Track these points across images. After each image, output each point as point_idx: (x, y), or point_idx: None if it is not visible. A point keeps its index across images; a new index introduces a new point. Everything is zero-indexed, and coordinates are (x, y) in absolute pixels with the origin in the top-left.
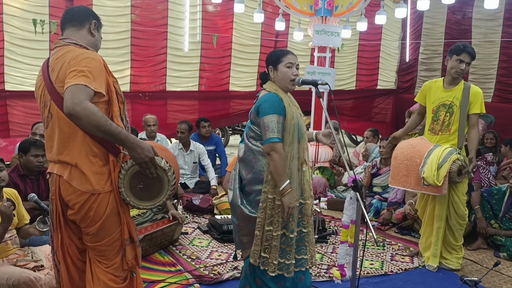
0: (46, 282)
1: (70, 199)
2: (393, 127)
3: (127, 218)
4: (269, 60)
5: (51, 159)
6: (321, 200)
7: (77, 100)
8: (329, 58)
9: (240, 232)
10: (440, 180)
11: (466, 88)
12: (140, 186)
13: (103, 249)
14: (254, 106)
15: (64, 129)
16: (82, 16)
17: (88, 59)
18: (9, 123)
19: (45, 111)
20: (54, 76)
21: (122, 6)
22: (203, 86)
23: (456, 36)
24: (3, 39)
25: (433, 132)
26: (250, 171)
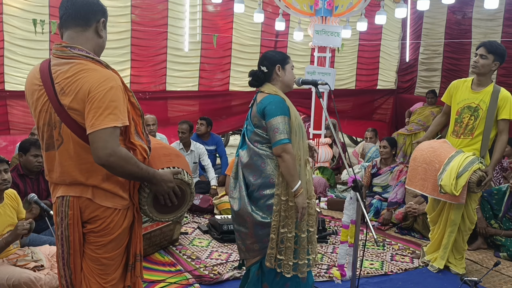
0: (46, 282)
1: (94, 216)
2: (393, 127)
3: (140, 232)
4: (275, 59)
5: (62, 182)
6: (321, 200)
7: (111, 150)
8: (329, 58)
9: (250, 240)
10: (458, 190)
11: (495, 92)
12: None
13: (106, 262)
14: (257, 109)
15: (82, 154)
16: (90, 14)
17: (112, 91)
18: (9, 123)
19: (52, 132)
20: (67, 101)
21: (122, 6)
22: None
23: (456, 36)
24: (3, 39)
25: (455, 135)
26: (259, 176)
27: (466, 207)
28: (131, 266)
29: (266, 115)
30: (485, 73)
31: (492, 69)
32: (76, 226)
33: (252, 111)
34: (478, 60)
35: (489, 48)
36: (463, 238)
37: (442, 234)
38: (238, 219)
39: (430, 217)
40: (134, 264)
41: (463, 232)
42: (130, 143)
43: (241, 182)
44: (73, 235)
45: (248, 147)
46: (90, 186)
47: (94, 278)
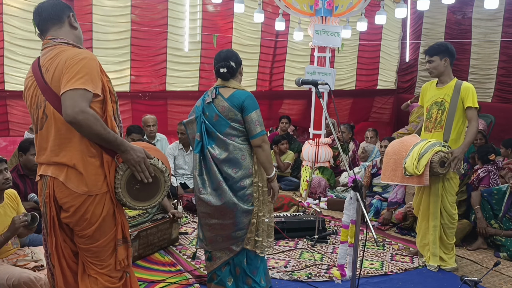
0: (46, 282)
1: (65, 202)
2: (393, 127)
3: (122, 218)
4: (240, 59)
5: (44, 161)
6: (321, 200)
7: (78, 108)
8: (329, 58)
9: (231, 229)
10: (420, 169)
11: (458, 85)
12: (137, 186)
13: (97, 250)
14: (232, 104)
15: (61, 130)
16: (59, 11)
17: (85, 60)
18: (9, 123)
19: (38, 112)
20: (49, 76)
21: (122, 6)
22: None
23: (456, 36)
24: (3, 39)
25: (427, 130)
26: (239, 168)
27: (443, 199)
28: (115, 251)
29: (245, 109)
30: (441, 73)
31: (445, 66)
32: (51, 205)
33: (222, 106)
34: (429, 66)
35: (430, 52)
36: (446, 232)
37: (424, 225)
38: (217, 213)
39: (414, 210)
40: (116, 249)
41: (444, 226)
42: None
43: (218, 176)
44: (49, 214)
45: (224, 142)
46: (65, 166)
47: (91, 265)
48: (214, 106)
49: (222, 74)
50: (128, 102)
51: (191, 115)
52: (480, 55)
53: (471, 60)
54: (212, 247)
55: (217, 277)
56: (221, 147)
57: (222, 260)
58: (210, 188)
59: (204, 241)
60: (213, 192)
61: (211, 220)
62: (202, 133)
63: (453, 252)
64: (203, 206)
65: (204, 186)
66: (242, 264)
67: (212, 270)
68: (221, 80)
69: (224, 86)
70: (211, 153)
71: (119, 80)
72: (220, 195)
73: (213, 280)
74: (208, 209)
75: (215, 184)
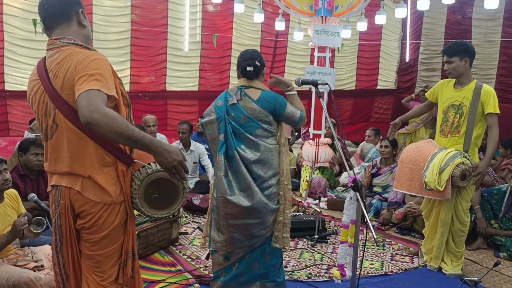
0: (46, 282)
1: (83, 210)
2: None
3: (133, 230)
4: (264, 61)
5: (56, 171)
6: (321, 200)
7: (93, 107)
8: (329, 58)
9: (258, 228)
10: (442, 184)
11: (478, 88)
12: (155, 195)
13: (100, 259)
14: (263, 106)
15: (74, 140)
16: (68, 8)
17: (96, 61)
18: (9, 123)
19: (47, 121)
20: (59, 83)
21: (122, 6)
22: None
23: (456, 36)
24: (3, 39)
25: (443, 134)
26: (269, 168)
27: (456, 207)
28: (123, 264)
29: (278, 110)
30: (461, 74)
31: (465, 67)
32: (67, 215)
33: (252, 108)
34: (448, 67)
35: (449, 52)
36: (455, 240)
37: (433, 231)
38: (244, 214)
39: (424, 213)
40: (126, 261)
41: (454, 233)
42: None
43: (248, 177)
44: (65, 224)
45: (255, 143)
46: (80, 177)
47: (91, 276)
48: (241, 107)
49: (248, 72)
50: None
51: (209, 115)
52: (480, 55)
53: None
54: (232, 247)
55: (226, 275)
56: (251, 148)
57: (239, 256)
58: (237, 189)
59: (220, 243)
60: (241, 193)
61: (236, 220)
62: (228, 134)
63: (461, 260)
64: (229, 207)
65: (230, 187)
66: (260, 260)
67: (223, 268)
68: (245, 79)
69: (250, 87)
70: (240, 155)
71: None
72: (249, 196)
73: (219, 278)
74: (235, 210)
75: (244, 185)
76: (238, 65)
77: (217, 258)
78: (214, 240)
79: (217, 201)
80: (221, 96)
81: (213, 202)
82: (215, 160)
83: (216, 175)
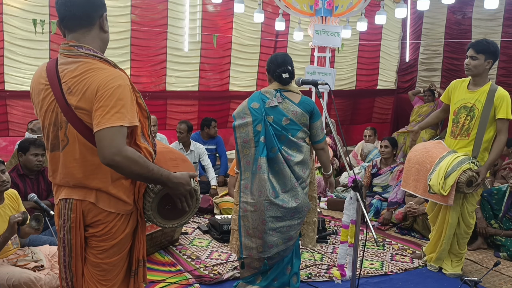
0: (46, 282)
1: (96, 220)
2: (393, 127)
3: (144, 238)
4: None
5: (65, 184)
6: (321, 200)
7: (116, 149)
8: (329, 58)
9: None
10: (446, 189)
11: (492, 91)
12: (168, 207)
13: (107, 268)
14: (305, 109)
15: (87, 155)
16: (92, 12)
17: (120, 88)
18: (9, 123)
19: (57, 133)
20: (74, 100)
21: (122, 6)
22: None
23: (456, 36)
24: (3, 39)
25: (453, 135)
26: (307, 167)
27: (462, 210)
28: (134, 272)
29: (314, 116)
30: (479, 73)
31: (486, 68)
32: (78, 229)
33: (294, 111)
34: (470, 62)
35: (477, 48)
36: (459, 242)
37: (439, 234)
38: (288, 215)
39: (429, 217)
40: (137, 269)
41: (458, 236)
42: (136, 145)
43: (293, 178)
44: (75, 239)
45: (297, 144)
46: (94, 190)
47: (95, 284)
48: (282, 109)
49: (284, 79)
50: None
51: (242, 117)
52: None
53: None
54: (270, 251)
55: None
56: (293, 149)
57: (275, 260)
58: (280, 190)
59: (256, 249)
60: (285, 194)
61: (279, 223)
62: (270, 136)
63: (462, 260)
64: (274, 210)
65: (274, 189)
66: (291, 262)
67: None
68: (278, 84)
69: (288, 90)
70: (284, 156)
71: None
72: (294, 196)
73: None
74: (279, 212)
75: (289, 186)
76: (270, 71)
77: (252, 262)
78: (248, 247)
79: (254, 206)
80: (254, 98)
81: (243, 208)
82: (245, 164)
83: (254, 178)
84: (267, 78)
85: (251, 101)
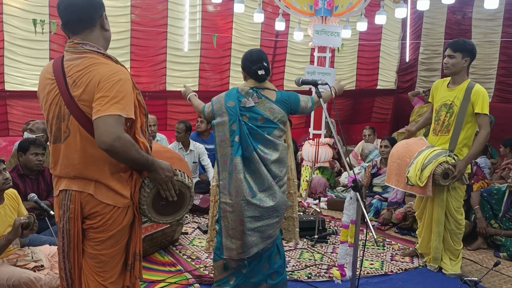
0: (46, 282)
1: (94, 212)
2: (393, 127)
3: (140, 232)
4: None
5: (66, 175)
6: (321, 200)
7: (115, 135)
8: (329, 58)
9: (275, 227)
10: (423, 181)
11: (469, 88)
12: (163, 202)
13: (104, 259)
14: (282, 106)
15: (88, 147)
16: (93, 13)
17: (121, 82)
18: (9, 123)
19: (60, 125)
20: (77, 92)
21: (122, 6)
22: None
23: (456, 36)
24: (3, 39)
25: (434, 132)
26: (283, 166)
27: (448, 206)
28: (131, 266)
29: (294, 106)
30: (457, 72)
31: (464, 66)
32: (77, 220)
33: (271, 108)
34: (448, 61)
35: (454, 47)
36: (452, 238)
37: (428, 231)
38: (266, 214)
39: (416, 214)
40: (133, 263)
41: (450, 232)
42: (134, 138)
43: (269, 177)
44: (73, 229)
45: (273, 143)
46: (92, 181)
47: (93, 275)
48: (258, 109)
49: (260, 76)
50: None
51: (220, 115)
52: (480, 55)
53: None
54: (250, 252)
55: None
56: (269, 148)
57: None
58: (257, 190)
59: (236, 250)
60: (262, 193)
61: (256, 223)
62: (244, 135)
63: (459, 258)
64: (251, 210)
65: (251, 189)
66: (270, 260)
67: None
68: (254, 81)
69: (264, 88)
70: (260, 155)
71: None
72: (271, 195)
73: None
74: (257, 212)
75: (266, 185)
76: (246, 68)
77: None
78: (228, 248)
79: (233, 206)
80: (230, 95)
81: (223, 208)
82: (222, 164)
83: (231, 179)
84: (243, 75)
85: (227, 99)
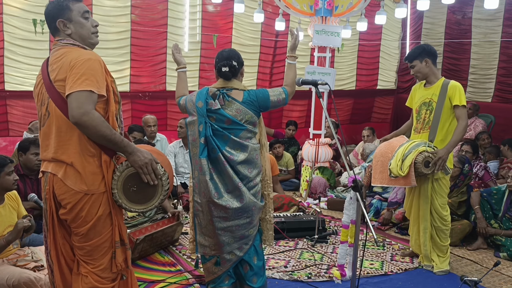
0: (46, 282)
1: (63, 198)
2: (393, 127)
3: (119, 220)
4: (242, 59)
5: (45, 158)
6: (321, 200)
7: (84, 110)
8: (329, 58)
9: (247, 228)
10: (404, 170)
11: (445, 84)
12: (134, 188)
13: (90, 249)
14: (249, 107)
15: (62, 127)
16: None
17: (90, 61)
18: (9, 123)
19: (42, 109)
20: (54, 75)
21: (122, 6)
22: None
23: (456, 36)
24: (3, 39)
25: (416, 131)
26: (254, 167)
27: (433, 202)
28: (113, 254)
29: (263, 103)
30: (426, 74)
31: (428, 67)
32: (50, 201)
33: (237, 109)
34: (412, 71)
35: (409, 59)
36: (439, 234)
37: (416, 228)
38: (234, 215)
39: (406, 212)
40: (114, 252)
41: (437, 228)
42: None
43: (236, 179)
44: (49, 210)
45: (241, 144)
46: (64, 164)
47: (83, 264)
48: (224, 111)
49: (224, 73)
50: (128, 102)
51: (191, 114)
52: (480, 55)
53: (471, 60)
54: (222, 250)
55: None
56: (236, 149)
57: (233, 262)
58: (225, 191)
59: (209, 247)
60: (229, 194)
61: (225, 223)
62: (208, 137)
63: (447, 254)
64: (218, 210)
65: (218, 190)
66: (251, 261)
67: (219, 274)
68: (222, 81)
69: (232, 88)
70: (226, 156)
71: (119, 80)
72: (238, 197)
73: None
74: (223, 213)
75: (232, 187)
76: (215, 65)
77: (210, 267)
78: (202, 245)
79: (202, 206)
80: (201, 95)
81: (195, 207)
82: (194, 163)
83: (199, 179)
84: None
85: (197, 99)
